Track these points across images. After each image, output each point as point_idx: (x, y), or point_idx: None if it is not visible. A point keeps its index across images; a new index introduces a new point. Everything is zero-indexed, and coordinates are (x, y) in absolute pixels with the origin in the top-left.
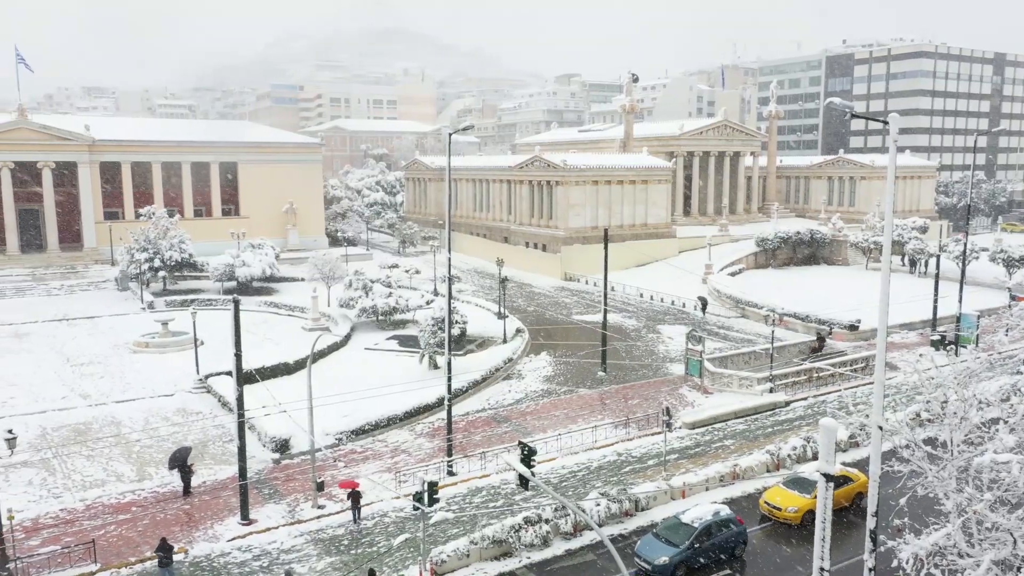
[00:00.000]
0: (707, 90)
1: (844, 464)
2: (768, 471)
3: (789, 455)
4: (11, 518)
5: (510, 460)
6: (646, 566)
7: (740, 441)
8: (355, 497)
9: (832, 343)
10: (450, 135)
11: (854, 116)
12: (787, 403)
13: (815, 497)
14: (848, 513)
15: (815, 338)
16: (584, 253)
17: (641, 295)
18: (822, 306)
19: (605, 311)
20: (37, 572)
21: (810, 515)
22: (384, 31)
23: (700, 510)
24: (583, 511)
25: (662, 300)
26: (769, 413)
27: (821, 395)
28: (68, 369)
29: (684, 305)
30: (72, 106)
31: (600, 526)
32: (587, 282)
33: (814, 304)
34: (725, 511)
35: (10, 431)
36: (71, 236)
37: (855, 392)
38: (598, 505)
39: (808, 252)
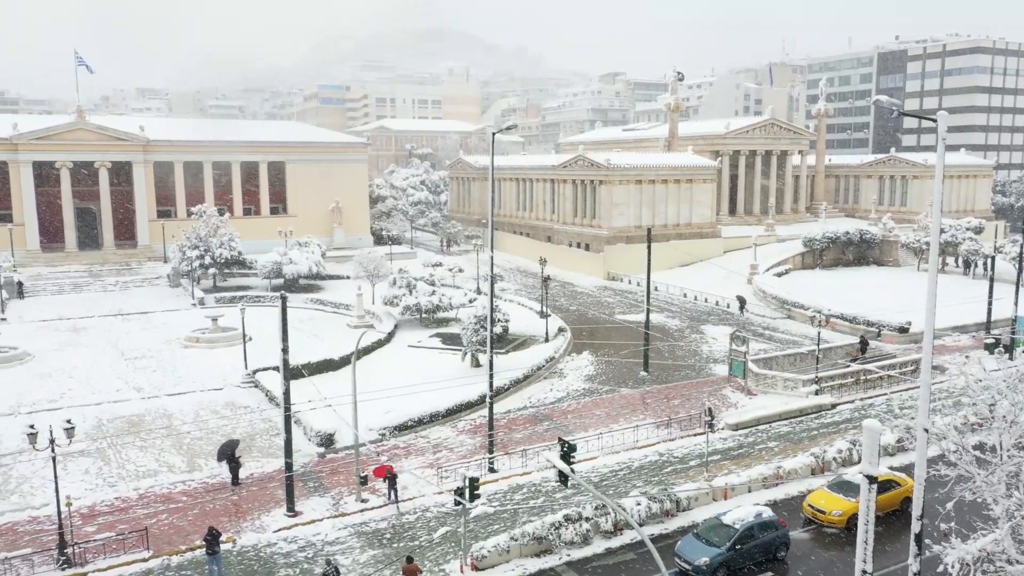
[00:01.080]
0: (754, 88)
1: (891, 468)
2: (812, 474)
3: (835, 458)
4: (69, 504)
5: (550, 456)
6: (686, 566)
7: (784, 443)
8: (391, 480)
9: (881, 346)
10: (493, 135)
11: (901, 114)
12: (833, 406)
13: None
14: (894, 518)
15: (858, 342)
16: (627, 252)
17: (685, 295)
18: (871, 308)
19: (648, 310)
20: (93, 557)
21: (855, 519)
22: (429, 31)
23: (742, 511)
24: (623, 509)
25: (706, 300)
26: (814, 416)
27: (869, 398)
28: (122, 363)
29: (728, 306)
30: (127, 107)
31: (641, 525)
32: (630, 282)
33: (863, 306)
34: (767, 513)
35: (68, 421)
36: (126, 234)
37: (904, 395)
38: (639, 504)
39: (857, 253)
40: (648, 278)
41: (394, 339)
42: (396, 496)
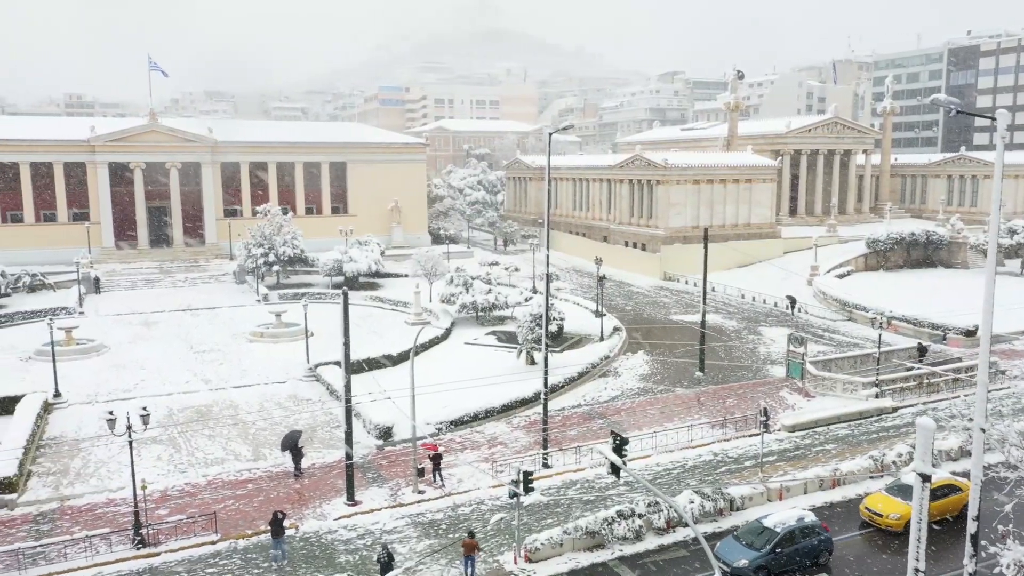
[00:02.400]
0: (817, 86)
1: (953, 474)
2: (871, 477)
3: (894, 461)
4: (144, 488)
5: (602, 449)
6: (725, 568)
7: (842, 446)
8: (436, 459)
9: (946, 349)
10: (550, 135)
11: (959, 113)
12: (894, 409)
13: None
14: (954, 524)
15: (916, 348)
16: (684, 253)
17: (743, 296)
18: (937, 310)
19: (704, 310)
20: (165, 538)
21: None
22: (488, 32)
23: (784, 515)
24: (674, 504)
25: (764, 301)
26: (874, 419)
27: (932, 402)
28: (191, 356)
29: (787, 307)
30: (195, 110)
31: (694, 524)
32: (687, 282)
33: (928, 308)
34: (810, 517)
35: (144, 408)
36: (194, 232)
37: (969, 399)
38: (692, 502)
39: (923, 254)
40: (704, 278)
41: (451, 336)
42: (440, 477)
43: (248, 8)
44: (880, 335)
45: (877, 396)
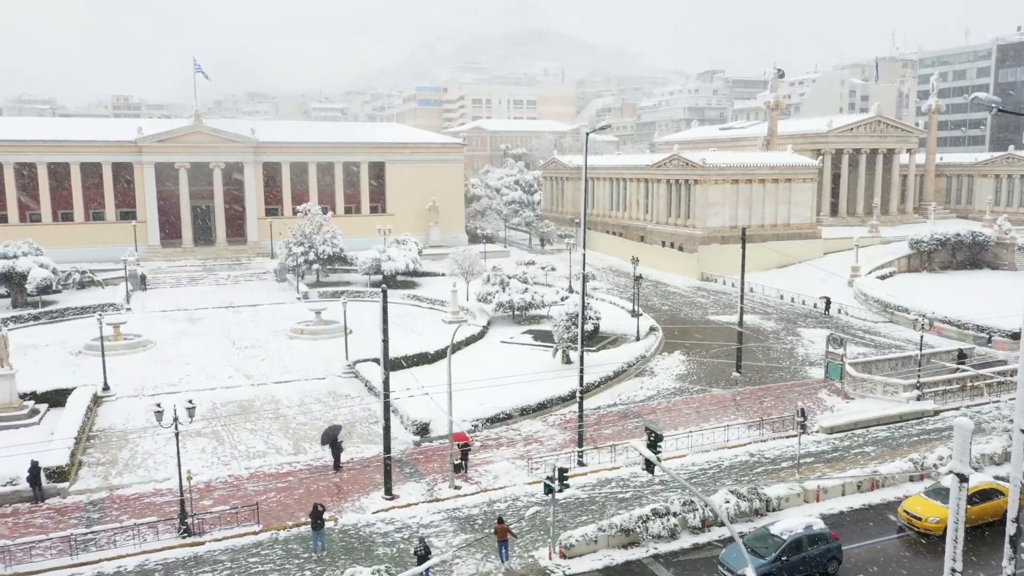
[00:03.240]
0: (860, 84)
1: (997, 478)
2: (911, 480)
3: (935, 464)
4: (190, 478)
5: (637, 444)
6: (728, 575)
7: (881, 448)
8: (465, 451)
9: (991, 352)
10: (588, 134)
11: (1002, 111)
12: (936, 412)
13: None
14: (996, 528)
15: (957, 353)
16: (722, 253)
17: (781, 297)
18: (982, 312)
19: (742, 311)
20: (209, 528)
21: None
22: (527, 32)
23: (791, 522)
24: (710, 502)
25: (803, 302)
26: (915, 422)
27: (975, 405)
28: (234, 351)
29: (838, 310)
30: (237, 111)
31: (730, 523)
32: (724, 282)
33: (973, 310)
34: (819, 525)
35: (190, 401)
36: (236, 231)
37: (1014, 403)
38: (727, 502)
39: (969, 256)
40: (742, 278)
41: (487, 335)
42: (467, 465)
43: (290, 10)
44: (922, 337)
45: (918, 399)
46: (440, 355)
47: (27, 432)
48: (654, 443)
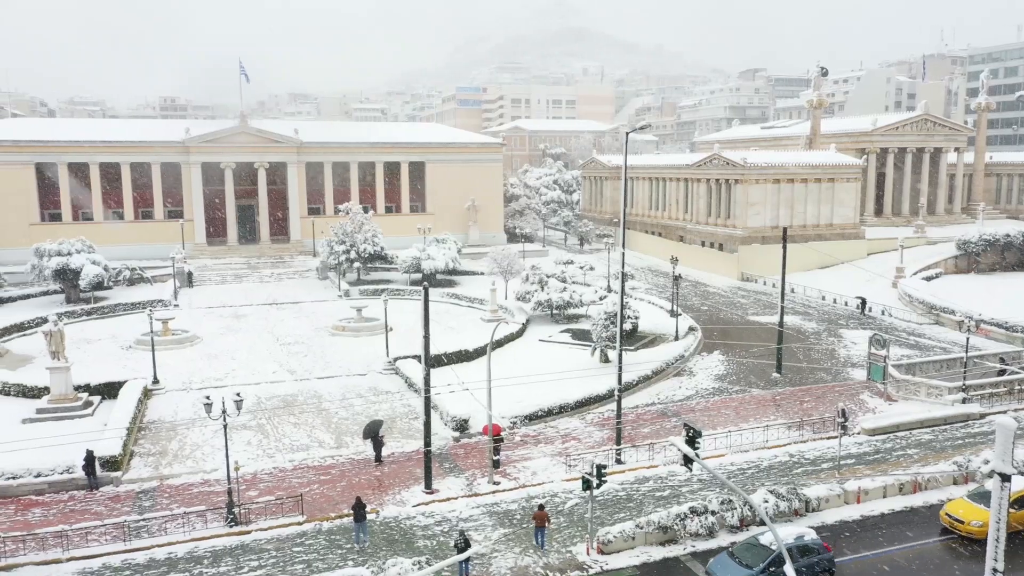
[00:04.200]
0: (907, 82)
1: None
2: (955, 483)
3: (980, 468)
4: (237, 468)
5: (675, 440)
6: None
7: (925, 451)
8: (497, 442)
9: None
10: (627, 134)
11: None
12: (982, 415)
13: None
14: None
15: (998, 361)
16: (762, 253)
17: (823, 297)
18: None
19: (782, 311)
20: (255, 518)
21: None
22: (567, 31)
23: (781, 532)
24: (750, 500)
25: (846, 303)
26: (960, 425)
27: (1023, 409)
28: (278, 347)
29: (870, 309)
30: (280, 111)
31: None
32: (765, 283)
33: (1022, 312)
34: (810, 536)
35: (237, 394)
36: (280, 229)
37: None
38: (766, 502)
39: (1019, 257)
40: (783, 279)
41: (525, 333)
42: (497, 451)
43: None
44: (968, 339)
45: (964, 401)
46: (479, 353)
47: (81, 423)
48: (692, 439)
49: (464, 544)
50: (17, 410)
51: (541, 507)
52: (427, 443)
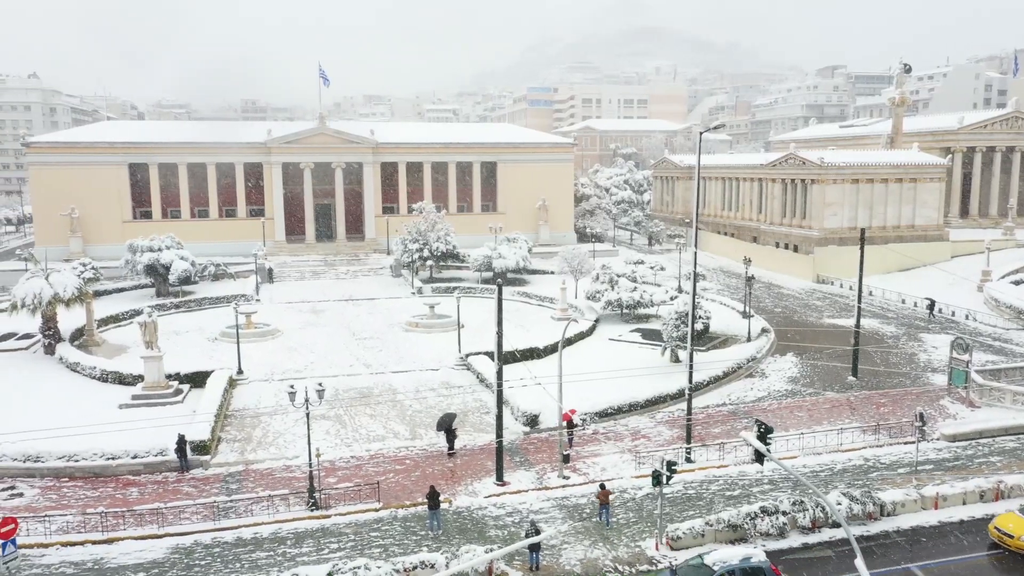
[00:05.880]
0: (997, 78)
1: None
2: None
3: None
4: (319, 455)
5: (746, 435)
6: None
7: (1009, 459)
8: (570, 425)
9: None
10: (701, 133)
11: None
12: None
13: None
14: None
15: None
16: (839, 255)
17: (903, 301)
18: None
19: (859, 313)
20: (334, 503)
21: None
22: (639, 30)
23: (727, 552)
24: (825, 500)
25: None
26: None
27: None
28: (354, 342)
29: (953, 313)
30: (355, 113)
31: (846, 524)
32: (841, 285)
33: None
34: (759, 557)
35: (320, 384)
36: (355, 227)
37: None
38: (839, 504)
39: None
40: (860, 280)
41: (595, 332)
42: (571, 438)
43: (404, 14)
44: None
45: None
46: (549, 351)
47: (172, 409)
48: (764, 435)
49: (535, 533)
50: (114, 396)
51: (602, 486)
52: (499, 433)
